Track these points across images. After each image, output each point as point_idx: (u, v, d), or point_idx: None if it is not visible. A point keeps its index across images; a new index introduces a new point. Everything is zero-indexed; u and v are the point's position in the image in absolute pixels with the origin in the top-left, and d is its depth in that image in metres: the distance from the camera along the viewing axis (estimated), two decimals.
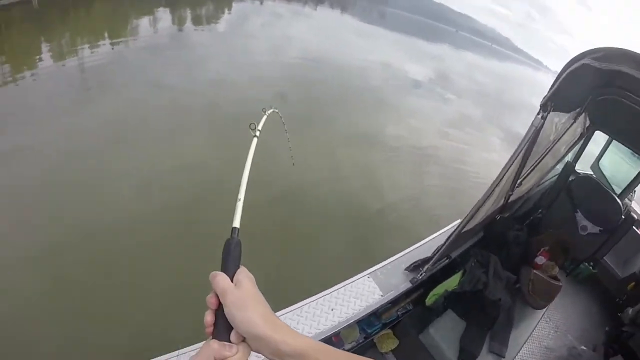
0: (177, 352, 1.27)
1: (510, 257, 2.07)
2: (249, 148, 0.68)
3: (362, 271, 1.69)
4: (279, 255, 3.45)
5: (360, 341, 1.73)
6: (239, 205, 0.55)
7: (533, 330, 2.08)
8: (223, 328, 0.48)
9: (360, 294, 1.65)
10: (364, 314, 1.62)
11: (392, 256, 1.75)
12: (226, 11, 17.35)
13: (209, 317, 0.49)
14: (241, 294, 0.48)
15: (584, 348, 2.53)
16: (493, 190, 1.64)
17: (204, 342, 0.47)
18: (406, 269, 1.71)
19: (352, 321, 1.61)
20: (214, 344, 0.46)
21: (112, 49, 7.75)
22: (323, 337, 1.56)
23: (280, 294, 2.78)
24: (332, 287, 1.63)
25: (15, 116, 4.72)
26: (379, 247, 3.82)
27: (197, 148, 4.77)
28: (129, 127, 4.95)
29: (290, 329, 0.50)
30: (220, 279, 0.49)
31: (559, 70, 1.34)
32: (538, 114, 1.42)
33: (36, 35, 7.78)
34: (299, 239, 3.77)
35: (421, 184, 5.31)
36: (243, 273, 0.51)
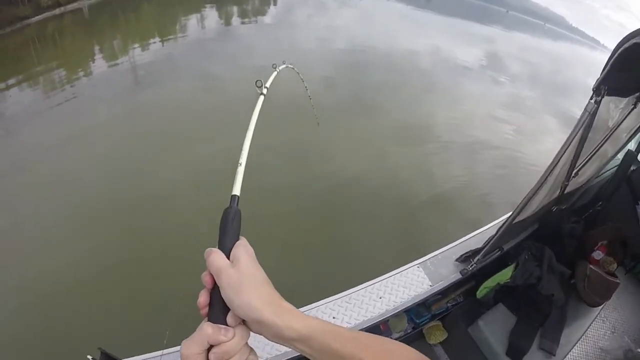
0: (160, 352, 1.22)
1: (565, 251, 1.96)
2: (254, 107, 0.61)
3: (411, 261, 1.66)
4: (326, 242, 3.48)
5: (409, 331, 1.72)
6: (240, 171, 0.50)
7: (587, 329, 1.97)
8: (219, 309, 0.43)
9: (409, 283, 1.63)
10: (412, 303, 1.60)
11: (442, 247, 1.71)
12: (271, 4, 17.45)
13: (202, 298, 0.44)
14: (238, 273, 0.43)
15: None
16: (546, 179, 1.55)
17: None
18: (456, 260, 1.67)
19: (400, 310, 1.60)
20: (208, 327, 0.41)
21: (162, 46, 8.03)
22: (370, 324, 1.57)
23: (327, 279, 2.84)
24: (381, 275, 1.63)
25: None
26: (428, 236, 3.82)
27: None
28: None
29: (295, 310, 0.46)
30: (215, 257, 0.44)
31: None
32: (591, 98, 1.32)
33: (88, 40, 8.25)
34: (346, 227, 3.78)
35: (472, 171, 5.08)
36: (240, 247, 0.45)
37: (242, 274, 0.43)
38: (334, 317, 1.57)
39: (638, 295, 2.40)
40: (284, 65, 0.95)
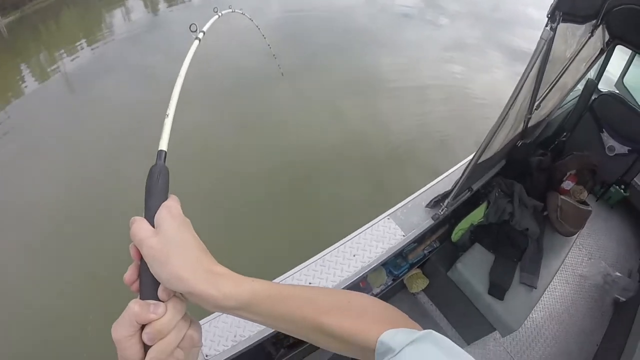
0: None
1: (535, 184, 1.96)
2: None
3: (381, 214, 1.62)
4: (292, 206, 3.46)
5: (389, 284, 1.70)
6: (167, 123, 0.44)
7: (565, 259, 2.00)
8: (149, 283, 0.38)
9: (382, 236, 1.59)
10: (387, 255, 1.57)
11: (410, 195, 1.66)
12: None
13: (128, 273, 0.39)
14: (161, 242, 0.37)
15: (619, 274, 2.45)
16: (507, 114, 1.51)
17: None
18: (427, 206, 1.64)
19: (376, 264, 1.57)
20: (135, 305, 0.36)
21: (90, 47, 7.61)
22: (349, 283, 1.53)
23: (299, 246, 2.81)
24: (351, 233, 1.58)
25: None
26: (395, 183, 3.79)
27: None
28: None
29: (231, 274, 0.41)
30: (137, 226, 0.38)
31: None
32: (546, 25, 1.25)
33: (12, 60, 7.71)
34: (311, 187, 3.74)
35: (425, 111, 5.17)
36: (163, 210, 0.39)
37: (165, 241, 0.37)
38: (310, 283, 1.52)
39: (610, 220, 2.47)
40: (229, 10, 0.84)
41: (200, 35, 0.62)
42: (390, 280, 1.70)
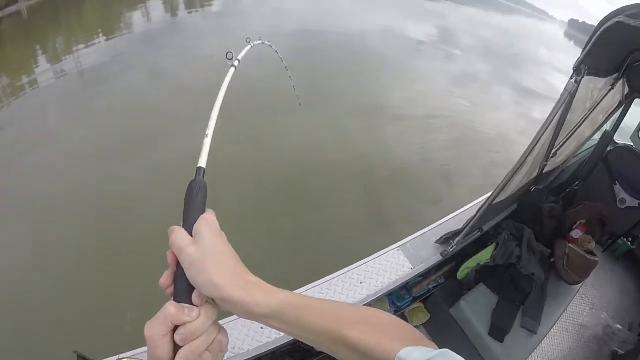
0: (142, 349, 1.16)
1: (544, 230, 1.98)
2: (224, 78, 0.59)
3: (389, 242, 1.65)
4: (299, 227, 3.48)
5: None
6: (206, 142, 0.48)
7: (567, 307, 2.00)
8: (184, 288, 0.41)
9: (390, 267, 1.61)
10: (393, 286, 1.59)
11: (421, 229, 1.70)
12: None
13: (164, 278, 0.42)
14: (199, 250, 0.40)
15: (620, 327, 2.42)
16: (525, 160, 1.55)
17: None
18: (437, 242, 1.66)
19: (381, 294, 1.59)
20: (171, 307, 0.39)
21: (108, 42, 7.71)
22: None
23: (306, 266, 2.82)
24: (361, 260, 1.61)
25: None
26: (396, 209, 3.84)
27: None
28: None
29: (264, 284, 0.44)
30: (177, 235, 0.42)
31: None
32: (571, 78, 1.30)
33: (30, 44, 7.86)
34: (318, 211, 3.77)
35: (429, 144, 5.24)
36: (202, 222, 0.42)
37: (204, 250, 0.40)
38: None
39: (615, 272, 2.46)
40: (259, 42, 0.91)
41: (236, 63, 0.67)
42: (392, 312, 1.72)
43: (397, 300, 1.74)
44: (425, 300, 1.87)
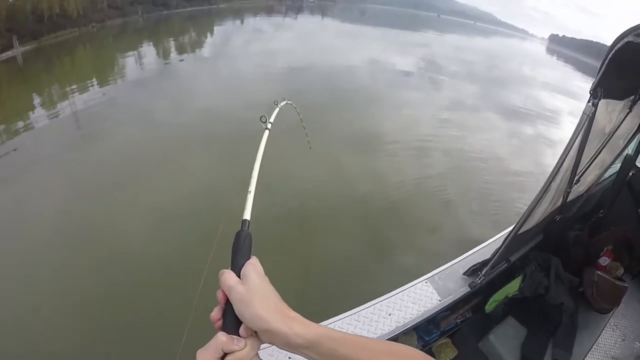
0: None
1: (571, 259, 1.96)
2: (259, 141, 0.67)
3: (419, 276, 1.66)
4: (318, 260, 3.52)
5: (419, 349, 1.69)
6: (250, 198, 0.55)
7: (598, 338, 1.95)
8: (232, 322, 0.47)
9: (418, 299, 1.62)
10: (421, 319, 1.59)
11: (449, 261, 1.71)
12: (209, 35, 17.46)
13: (214, 312, 0.49)
14: (247, 289, 0.47)
15: None
16: (548, 188, 1.56)
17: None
18: (464, 274, 1.67)
19: (409, 327, 1.59)
20: (222, 336, 0.45)
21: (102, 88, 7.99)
22: None
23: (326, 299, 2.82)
24: (389, 292, 1.62)
25: None
26: (400, 239, 3.99)
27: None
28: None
29: (302, 318, 0.49)
30: (227, 276, 0.49)
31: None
32: (588, 101, 1.32)
33: (25, 89, 8.22)
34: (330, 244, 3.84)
35: (424, 173, 5.36)
36: (249, 266, 0.50)
37: (250, 289, 0.47)
38: None
39: None
40: (284, 102, 1.05)
41: (269, 125, 0.73)
42: (420, 346, 1.70)
43: (424, 334, 1.73)
44: (452, 335, 1.85)
